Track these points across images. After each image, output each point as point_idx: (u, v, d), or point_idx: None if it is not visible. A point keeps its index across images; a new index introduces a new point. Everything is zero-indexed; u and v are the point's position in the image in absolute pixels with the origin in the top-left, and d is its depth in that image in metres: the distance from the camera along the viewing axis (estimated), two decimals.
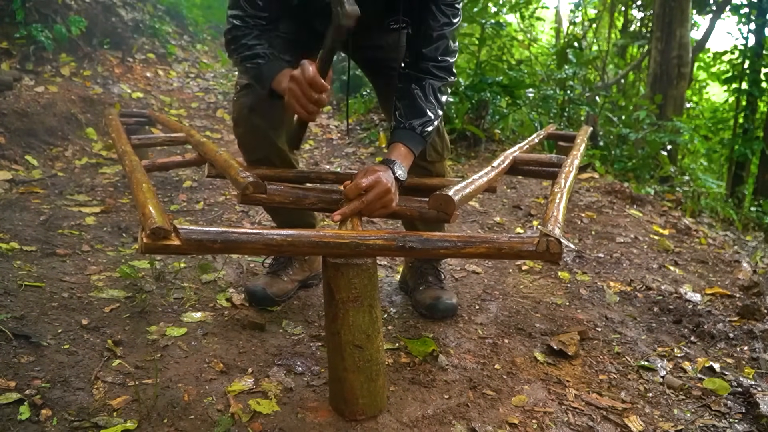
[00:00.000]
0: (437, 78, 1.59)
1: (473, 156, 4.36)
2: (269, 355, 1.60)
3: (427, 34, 1.57)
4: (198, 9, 7.28)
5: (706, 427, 1.41)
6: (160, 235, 1.04)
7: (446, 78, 1.61)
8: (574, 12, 8.98)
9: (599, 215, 3.21)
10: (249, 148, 1.76)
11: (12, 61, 4.32)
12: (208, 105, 5.14)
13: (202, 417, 1.32)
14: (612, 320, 1.96)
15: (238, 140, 1.78)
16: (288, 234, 1.16)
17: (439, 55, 1.58)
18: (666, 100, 6.67)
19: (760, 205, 6.34)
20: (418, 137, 1.55)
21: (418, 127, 1.54)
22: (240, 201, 1.46)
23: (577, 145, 2.46)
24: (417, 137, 1.55)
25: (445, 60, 1.59)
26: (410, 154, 1.54)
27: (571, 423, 1.39)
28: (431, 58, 1.58)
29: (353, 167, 3.99)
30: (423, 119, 1.55)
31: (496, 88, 4.49)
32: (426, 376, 1.53)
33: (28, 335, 1.54)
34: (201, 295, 1.92)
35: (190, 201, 3.00)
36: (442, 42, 1.58)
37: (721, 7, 8.68)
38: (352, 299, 1.23)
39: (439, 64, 1.59)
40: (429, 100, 1.57)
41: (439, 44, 1.57)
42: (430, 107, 1.57)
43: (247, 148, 1.77)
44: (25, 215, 2.53)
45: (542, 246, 1.21)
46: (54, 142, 3.72)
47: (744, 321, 1.97)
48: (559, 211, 1.43)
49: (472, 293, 2.10)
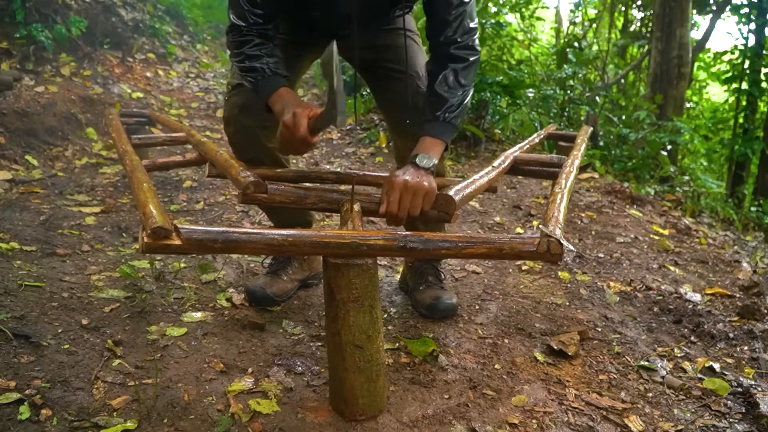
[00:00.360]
0: (459, 60, 1.60)
1: (473, 156, 4.36)
2: (269, 355, 1.60)
3: (443, 20, 1.58)
4: (198, 9, 7.28)
5: (706, 427, 1.41)
6: (161, 234, 1.04)
7: (468, 57, 1.61)
8: (574, 12, 8.97)
9: (599, 215, 3.21)
10: (239, 147, 1.77)
11: (12, 61, 4.32)
12: (208, 105, 5.14)
13: (202, 417, 1.32)
14: (612, 320, 1.96)
15: (229, 139, 1.79)
16: (289, 234, 1.16)
17: (459, 37, 1.59)
18: (666, 100, 6.67)
19: (760, 205, 6.34)
20: (442, 124, 1.58)
21: (441, 116, 1.57)
22: (241, 201, 1.46)
23: (578, 145, 2.46)
24: (441, 125, 1.58)
25: (465, 39, 1.61)
26: (437, 142, 1.56)
27: (571, 423, 1.39)
28: (452, 41, 1.59)
29: (353, 167, 3.99)
30: (445, 106, 1.57)
31: (496, 88, 4.49)
32: (426, 376, 1.53)
33: (28, 335, 1.54)
34: (201, 295, 1.92)
35: (190, 201, 3.00)
36: (460, 23, 1.59)
37: (721, 7, 8.67)
38: (353, 299, 1.23)
39: (460, 44, 1.60)
40: (451, 86, 1.58)
41: (457, 26, 1.59)
42: (452, 93, 1.58)
43: (237, 148, 1.78)
44: (25, 215, 2.53)
45: (543, 246, 1.21)
46: (54, 142, 3.72)
47: (744, 321, 1.97)
48: (560, 212, 1.43)
49: (472, 293, 2.10)
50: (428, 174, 1.46)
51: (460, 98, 1.59)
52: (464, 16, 1.58)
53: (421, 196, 1.42)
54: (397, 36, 1.76)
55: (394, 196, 1.41)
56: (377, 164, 4.13)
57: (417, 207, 1.42)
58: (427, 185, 1.42)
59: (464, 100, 1.61)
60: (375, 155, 4.31)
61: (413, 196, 1.41)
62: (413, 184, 1.41)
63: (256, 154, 1.75)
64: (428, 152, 1.52)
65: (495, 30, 5.08)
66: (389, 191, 1.43)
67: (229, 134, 1.78)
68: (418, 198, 1.41)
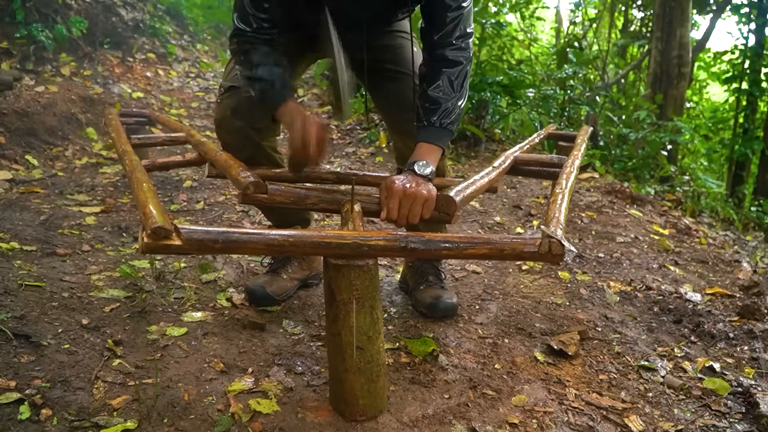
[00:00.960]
0: (453, 64, 1.60)
1: (473, 156, 4.36)
2: (269, 355, 1.60)
3: (440, 22, 1.58)
4: (198, 9, 7.28)
5: (706, 427, 1.41)
6: (161, 234, 1.04)
7: (461, 61, 1.61)
8: (575, 12, 8.97)
9: (599, 215, 3.21)
10: (233, 148, 1.75)
11: (12, 60, 4.32)
12: (208, 105, 5.14)
13: (202, 417, 1.32)
14: (612, 320, 1.96)
15: (222, 142, 1.78)
16: (290, 234, 1.16)
17: (454, 39, 1.60)
18: (666, 100, 6.67)
19: (760, 205, 6.33)
20: (438, 130, 1.58)
21: (437, 121, 1.57)
22: (241, 201, 1.46)
23: (578, 146, 2.46)
24: (437, 130, 1.58)
25: (459, 42, 1.61)
26: (433, 148, 1.57)
27: (571, 423, 1.39)
28: (447, 44, 1.59)
29: (353, 167, 3.99)
30: (440, 111, 1.57)
31: (496, 87, 4.49)
32: (426, 376, 1.53)
33: (29, 335, 1.54)
34: (201, 295, 1.92)
35: (190, 201, 3.00)
36: (456, 26, 1.59)
37: (721, 7, 8.67)
38: (354, 300, 1.23)
39: (455, 47, 1.60)
40: (445, 91, 1.58)
41: (452, 28, 1.59)
42: (446, 97, 1.58)
43: (231, 149, 1.76)
44: (26, 215, 2.53)
45: (544, 247, 1.21)
46: (54, 142, 3.72)
47: (744, 321, 1.97)
48: (561, 212, 1.43)
49: (472, 293, 2.10)
50: (427, 181, 1.45)
51: (455, 102, 1.59)
52: (461, 19, 1.58)
53: (420, 204, 1.41)
54: (395, 37, 1.76)
55: (393, 203, 1.41)
56: (377, 164, 4.13)
57: (416, 215, 1.41)
58: (426, 193, 1.41)
59: (459, 103, 1.61)
60: (375, 155, 4.31)
61: (412, 203, 1.40)
62: (411, 192, 1.40)
63: (252, 153, 1.75)
64: (426, 158, 1.51)
65: (495, 30, 5.07)
66: (388, 197, 1.42)
67: (221, 137, 1.77)
68: (417, 206, 1.41)
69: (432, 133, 1.57)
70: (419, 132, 1.59)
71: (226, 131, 1.74)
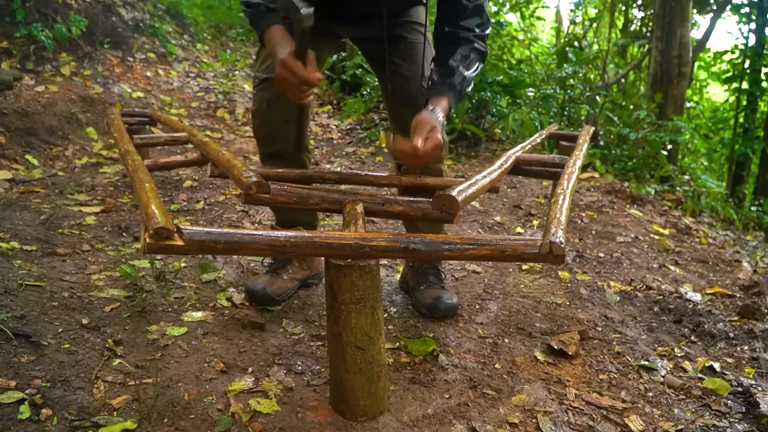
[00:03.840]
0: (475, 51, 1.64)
1: (473, 156, 4.36)
2: (269, 355, 1.60)
3: (461, 6, 1.61)
4: (198, 9, 7.29)
5: (706, 426, 1.42)
6: (163, 235, 1.04)
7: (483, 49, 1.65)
8: (575, 11, 8.97)
9: (599, 215, 3.21)
10: (264, 141, 1.82)
11: (12, 60, 4.32)
12: (209, 104, 5.14)
13: (202, 416, 1.32)
14: (612, 320, 1.96)
15: (255, 132, 1.85)
16: (291, 235, 1.16)
17: (476, 27, 1.63)
18: (666, 100, 6.66)
19: (760, 205, 6.33)
20: (448, 87, 1.61)
21: (458, 85, 1.61)
22: (244, 201, 1.46)
23: (580, 146, 2.45)
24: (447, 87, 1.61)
25: (483, 32, 1.64)
26: (441, 100, 1.60)
27: (571, 422, 1.39)
28: (470, 29, 1.62)
29: (353, 167, 3.99)
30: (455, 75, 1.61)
31: (496, 87, 4.49)
32: (426, 376, 1.53)
33: (29, 335, 1.54)
34: (201, 295, 1.92)
35: (191, 200, 3.00)
36: (478, 14, 1.62)
37: (721, 7, 8.67)
38: (355, 301, 1.23)
39: (478, 35, 1.63)
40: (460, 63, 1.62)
41: (475, 16, 1.62)
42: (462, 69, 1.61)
43: (262, 141, 1.84)
44: (26, 215, 2.53)
45: (546, 249, 1.21)
46: (54, 142, 3.72)
47: (744, 320, 1.97)
48: (563, 213, 1.42)
49: (472, 293, 2.10)
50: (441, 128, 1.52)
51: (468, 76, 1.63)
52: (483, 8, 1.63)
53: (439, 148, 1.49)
54: (410, 29, 1.77)
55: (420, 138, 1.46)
56: (377, 164, 4.13)
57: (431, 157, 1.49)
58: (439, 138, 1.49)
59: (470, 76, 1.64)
60: (375, 155, 4.31)
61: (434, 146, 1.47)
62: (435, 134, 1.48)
63: (280, 148, 1.79)
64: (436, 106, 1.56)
65: (495, 30, 5.08)
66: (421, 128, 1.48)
67: (255, 127, 1.83)
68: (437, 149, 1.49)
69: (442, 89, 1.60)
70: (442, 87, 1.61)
71: (260, 122, 1.80)
